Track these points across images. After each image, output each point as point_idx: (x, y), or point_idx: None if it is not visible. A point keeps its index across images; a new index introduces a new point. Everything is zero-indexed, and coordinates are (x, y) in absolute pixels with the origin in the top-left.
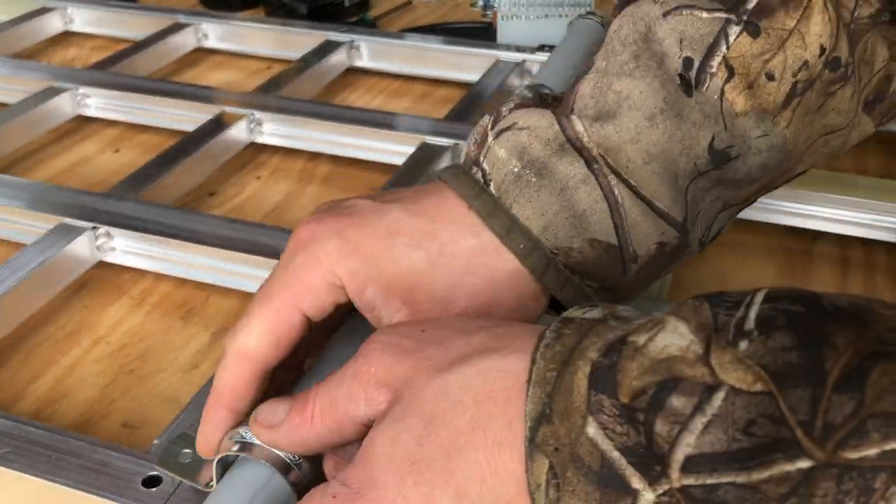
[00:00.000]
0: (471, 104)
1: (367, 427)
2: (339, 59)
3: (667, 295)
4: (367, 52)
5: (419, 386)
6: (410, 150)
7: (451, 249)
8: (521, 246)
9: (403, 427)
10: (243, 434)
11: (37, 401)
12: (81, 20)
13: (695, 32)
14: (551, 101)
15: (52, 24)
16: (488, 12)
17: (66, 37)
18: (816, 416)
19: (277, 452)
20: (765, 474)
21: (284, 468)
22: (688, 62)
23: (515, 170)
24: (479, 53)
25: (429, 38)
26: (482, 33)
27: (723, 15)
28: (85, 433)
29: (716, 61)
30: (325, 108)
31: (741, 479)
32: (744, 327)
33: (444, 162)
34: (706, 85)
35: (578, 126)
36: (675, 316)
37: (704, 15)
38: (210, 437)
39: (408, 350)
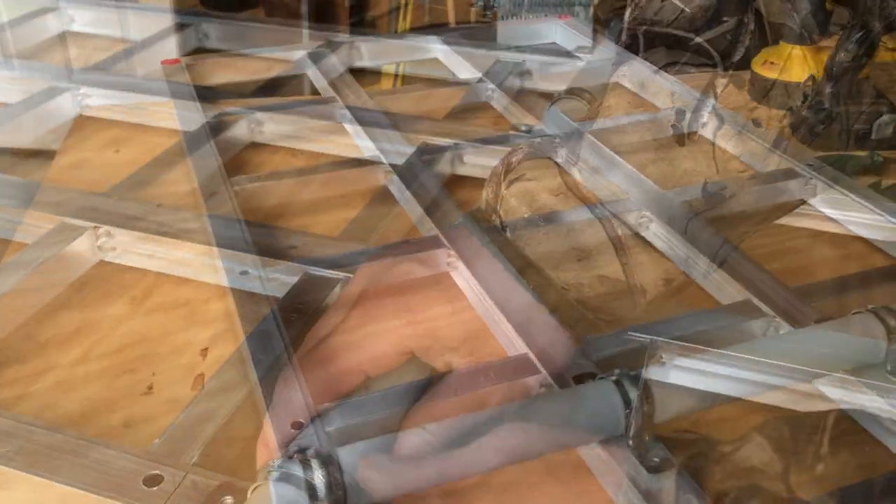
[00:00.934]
0: (471, 104)
1: None
2: (339, 58)
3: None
4: (367, 52)
5: None
6: (410, 150)
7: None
8: (534, 284)
9: None
10: (271, 464)
11: (38, 400)
12: (81, 20)
13: (684, 87)
14: (559, 142)
15: (52, 24)
16: (488, 12)
17: (66, 37)
18: None
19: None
20: None
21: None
22: (680, 114)
23: (526, 216)
24: (478, 53)
25: (429, 38)
26: (482, 33)
27: (710, 70)
28: (86, 432)
29: (706, 112)
30: (324, 107)
31: None
32: (820, 451)
33: (445, 161)
34: (698, 133)
35: (577, 177)
36: (757, 432)
37: (693, 71)
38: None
39: None
